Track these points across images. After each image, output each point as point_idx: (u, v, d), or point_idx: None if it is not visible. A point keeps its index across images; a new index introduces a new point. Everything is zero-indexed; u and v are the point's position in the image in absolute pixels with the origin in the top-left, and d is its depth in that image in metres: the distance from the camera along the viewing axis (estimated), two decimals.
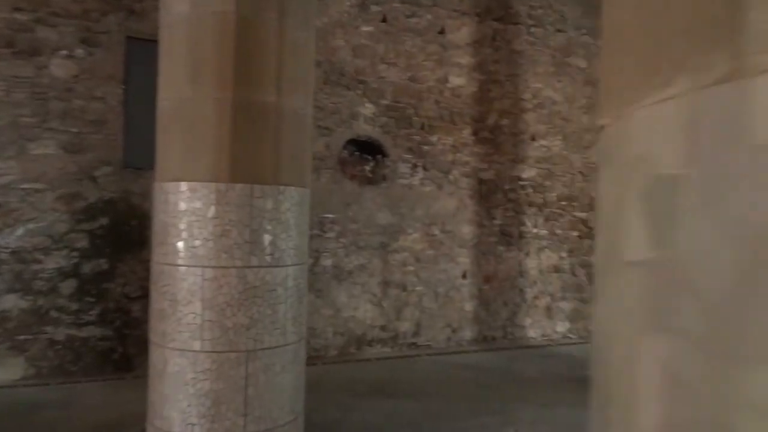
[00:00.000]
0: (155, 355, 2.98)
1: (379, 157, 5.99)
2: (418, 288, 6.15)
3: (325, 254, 5.65)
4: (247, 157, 2.91)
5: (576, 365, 5.60)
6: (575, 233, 6.97)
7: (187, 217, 2.85)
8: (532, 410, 4.30)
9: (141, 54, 4.92)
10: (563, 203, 6.90)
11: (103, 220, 4.87)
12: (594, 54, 7.04)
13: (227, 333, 2.82)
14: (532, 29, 6.74)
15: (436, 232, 6.24)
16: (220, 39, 2.83)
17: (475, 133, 6.44)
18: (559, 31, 6.89)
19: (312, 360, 4.41)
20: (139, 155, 4.89)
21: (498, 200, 6.58)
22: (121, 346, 4.91)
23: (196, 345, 2.82)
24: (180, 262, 2.84)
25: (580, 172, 6.99)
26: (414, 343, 6.08)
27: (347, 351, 5.76)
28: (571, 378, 5.16)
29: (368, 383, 4.88)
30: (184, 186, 2.86)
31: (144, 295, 4.77)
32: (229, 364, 2.82)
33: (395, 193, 6.03)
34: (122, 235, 4.92)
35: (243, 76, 2.86)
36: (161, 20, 3.05)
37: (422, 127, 6.16)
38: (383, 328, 5.99)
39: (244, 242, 2.86)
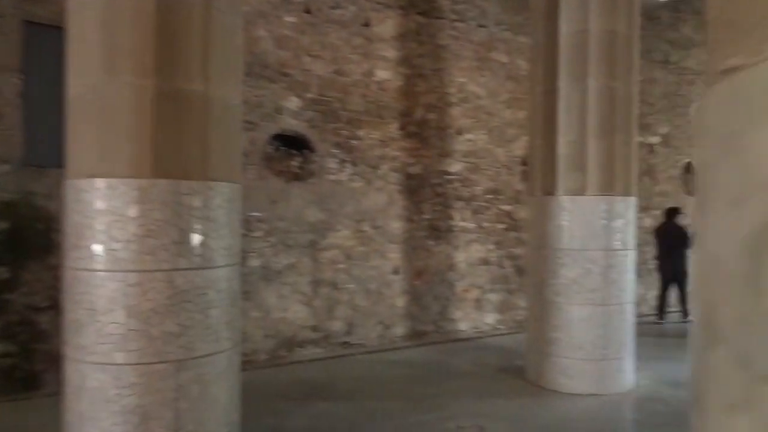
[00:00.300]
0: (71, 371, 2.68)
1: (306, 152, 5.81)
2: (349, 286, 6.02)
3: (252, 254, 5.40)
4: (171, 151, 2.68)
5: (507, 356, 5.68)
6: (501, 226, 7.09)
7: (104, 217, 2.57)
8: (469, 403, 4.29)
9: (41, 40, 4.48)
10: (489, 196, 7.00)
11: (2, 225, 4.39)
12: (515, 49, 7.18)
13: (154, 342, 2.57)
14: (455, 24, 6.78)
15: (366, 228, 6.14)
16: (139, 20, 2.58)
17: (402, 127, 6.39)
18: (480, 26, 6.97)
19: (241, 366, 4.19)
20: (41, 152, 4.45)
21: (426, 195, 6.57)
22: (26, 363, 4.46)
23: (119, 357, 2.55)
24: (98, 267, 2.57)
25: (505, 166, 7.12)
26: (347, 342, 5.95)
27: (278, 354, 5.54)
28: (503, 368, 5.22)
29: (302, 386, 4.71)
30: (100, 183, 2.58)
31: (53, 306, 4.35)
32: (158, 376, 2.58)
33: (323, 189, 5.87)
34: (25, 240, 4.46)
35: (165, 62, 2.62)
36: (69, 1, 2.74)
37: (349, 122, 6.03)
38: (314, 328, 5.82)
39: (170, 243, 2.63)
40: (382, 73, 6.25)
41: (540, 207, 4.72)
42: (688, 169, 9.00)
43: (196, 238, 2.69)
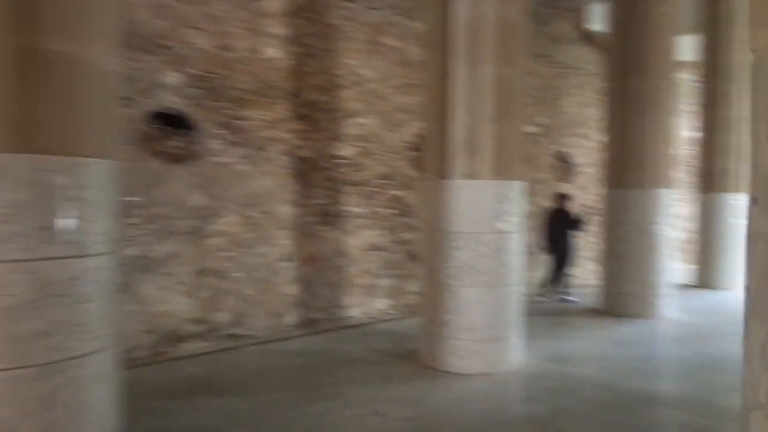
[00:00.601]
0: None
1: (188, 132, 5.39)
2: (236, 274, 5.71)
3: (129, 243, 4.93)
4: (32, 122, 2.30)
5: (400, 340, 5.69)
6: (393, 211, 7.09)
7: None
8: (365, 389, 4.22)
9: None
10: (381, 181, 6.97)
11: None
12: (406, 34, 7.17)
13: (16, 344, 2.21)
14: (346, 4, 6.62)
15: (254, 213, 5.85)
16: None
17: (291, 109, 6.15)
18: (371, 8, 6.88)
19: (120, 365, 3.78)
20: None
21: (317, 179, 6.39)
22: None
23: None
24: None
25: (396, 151, 7.11)
26: (235, 335, 5.65)
27: (159, 350, 5.13)
28: (397, 353, 5.22)
29: (188, 383, 4.38)
30: None
31: None
32: (21, 383, 2.22)
33: (208, 172, 5.50)
34: None
35: (22, 17, 2.23)
36: None
37: (235, 101, 5.68)
38: (199, 321, 5.46)
39: (34, 228, 2.26)
40: (271, 51, 5.96)
41: (434, 190, 4.73)
42: (562, 157, 9.58)
43: (65, 223, 2.34)
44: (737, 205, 8.81)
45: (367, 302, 6.82)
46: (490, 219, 4.57)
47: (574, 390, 4.23)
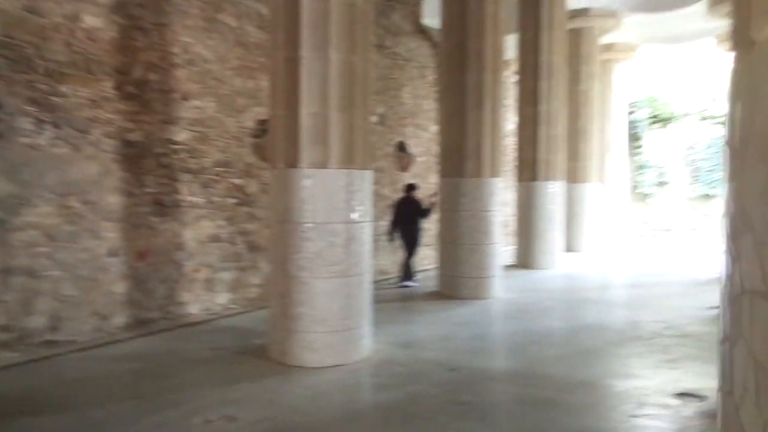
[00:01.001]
0: None
1: None
2: (52, 273, 5.00)
3: None
4: None
5: (245, 336, 5.43)
6: (232, 200, 6.72)
7: None
8: (213, 392, 3.94)
9: None
10: (219, 169, 6.56)
11: None
12: (244, 14, 6.81)
13: None
14: None
15: (74, 203, 5.16)
16: None
17: (117, 87, 5.51)
18: None
19: None
20: None
21: (149, 166, 5.82)
22: None
23: None
24: None
25: (235, 137, 6.74)
26: (52, 341, 4.95)
27: None
28: (244, 350, 4.96)
29: None
30: None
31: None
32: None
33: (15, 155, 4.71)
34: None
35: None
36: None
37: (49, 74, 4.94)
38: (5, 328, 4.69)
39: None
40: (92, 20, 5.27)
41: (282, 180, 4.54)
42: (400, 147, 9.87)
43: None
44: (552, 192, 9.82)
45: (207, 297, 6.41)
46: (341, 209, 4.50)
47: (424, 373, 4.35)
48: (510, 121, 12.10)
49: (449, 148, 7.36)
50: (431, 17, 10.04)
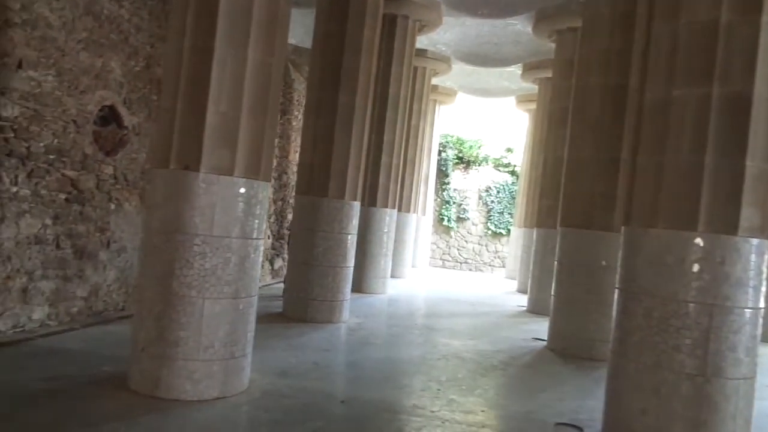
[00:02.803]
0: None
1: None
2: None
3: None
4: None
5: (84, 362, 4.52)
6: (63, 196, 5.63)
7: None
8: None
9: None
10: (51, 157, 5.45)
11: None
12: None
13: None
14: None
15: None
16: None
17: None
18: None
19: None
20: None
21: None
22: None
23: None
24: None
25: (74, 121, 5.68)
26: None
27: None
28: (94, 380, 4.12)
29: None
30: None
31: None
32: None
33: None
34: None
35: None
36: None
37: None
38: None
39: None
40: None
41: (173, 183, 3.93)
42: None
43: None
44: (388, 220, 10.12)
45: (20, 311, 5.22)
46: (239, 222, 4.04)
47: (316, 406, 4.06)
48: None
49: (312, 166, 7.15)
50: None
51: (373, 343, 6.33)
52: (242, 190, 4.03)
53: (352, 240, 7.29)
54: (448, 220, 18.18)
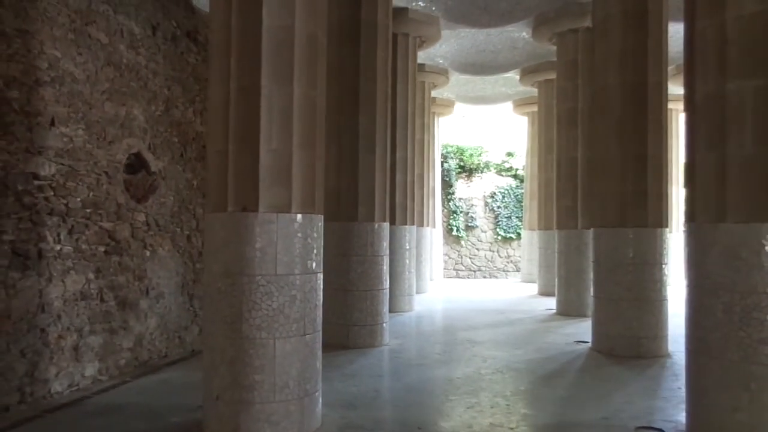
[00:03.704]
0: None
1: None
2: None
3: None
4: None
5: (149, 417, 4.44)
6: (102, 248, 5.58)
7: None
8: None
9: None
10: (89, 210, 5.41)
11: None
12: (114, 30, 5.84)
13: None
14: None
15: None
16: None
17: None
18: None
19: None
20: None
21: (8, 206, 4.56)
22: None
23: None
24: None
25: (105, 173, 5.65)
26: None
27: None
28: None
29: None
30: None
31: None
32: None
33: None
34: None
35: None
36: None
37: None
38: None
39: None
40: None
41: (233, 225, 3.90)
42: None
43: None
44: (408, 236, 10.10)
45: (73, 369, 5.15)
46: (300, 258, 4.01)
47: None
48: None
49: (339, 191, 7.14)
50: None
51: (423, 363, 6.28)
52: (300, 226, 4.01)
53: (385, 261, 7.26)
54: (458, 230, 18.19)
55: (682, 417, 4.15)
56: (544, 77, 12.82)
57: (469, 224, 18.32)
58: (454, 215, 18.24)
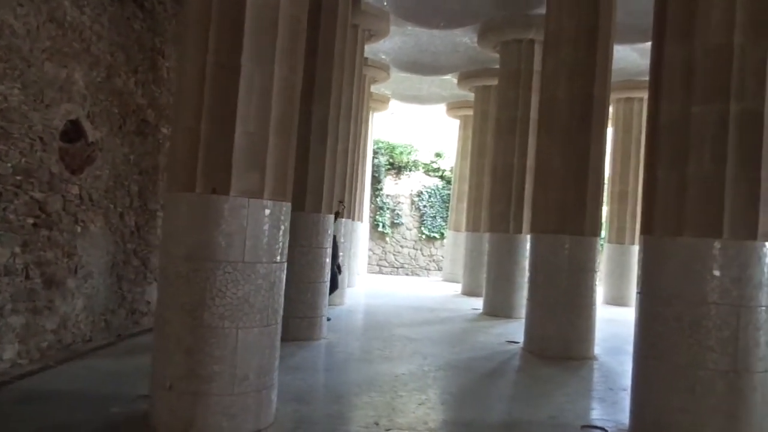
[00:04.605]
0: None
1: None
2: None
3: None
4: None
5: (84, 406, 4.13)
6: (31, 220, 5.11)
7: None
8: None
9: None
10: (19, 178, 4.94)
11: None
12: None
13: None
14: None
15: None
16: None
17: None
18: None
19: None
20: None
21: None
22: None
23: None
24: None
25: (40, 138, 5.18)
26: None
27: None
28: (107, 426, 3.77)
29: None
30: None
31: None
32: None
33: None
34: None
35: None
36: None
37: None
38: None
39: None
40: None
41: (200, 208, 3.69)
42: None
43: None
44: (344, 229, 10.04)
45: None
46: (268, 246, 3.87)
47: None
48: None
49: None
50: None
51: (366, 359, 6.26)
52: (270, 213, 3.87)
53: (328, 254, 7.17)
54: (383, 226, 18.31)
55: (621, 417, 4.40)
56: (481, 83, 13.15)
57: (395, 221, 18.49)
58: (381, 211, 18.34)
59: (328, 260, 7.20)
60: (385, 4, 10.02)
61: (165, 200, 4.09)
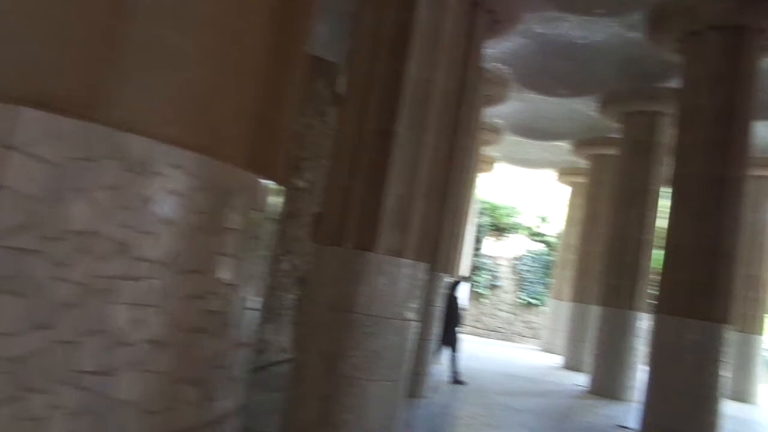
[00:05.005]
0: None
1: None
2: None
3: None
4: None
5: None
6: None
7: None
8: None
9: None
10: None
11: None
12: None
13: None
14: None
15: None
16: None
17: None
18: None
19: None
20: None
21: None
22: None
23: None
24: None
25: None
26: None
27: None
28: None
29: None
30: None
31: None
32: None
33: None
34: None
35: None
36: None
37: None
38: None
39: None
40: None
41: (349, 262, 3.91)
42: (318, 218, 9.32)
43: None
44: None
45: None
46: (403, 304, 4.01)
47: None
48: None
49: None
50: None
51: (472, 424, 6.20)
52: (410, 272, 4.02)
53: (438, 312, 7.22)
54: (481, 287, 18.09)
55: None
56: (598, 151, 12.95)
57: (493, 283, 18.22)
58: (479, 272, 18.17)
59: (439, 319, 7.24)
60: (507, 70, 10.24)
61: (315, 252, 4.36)
